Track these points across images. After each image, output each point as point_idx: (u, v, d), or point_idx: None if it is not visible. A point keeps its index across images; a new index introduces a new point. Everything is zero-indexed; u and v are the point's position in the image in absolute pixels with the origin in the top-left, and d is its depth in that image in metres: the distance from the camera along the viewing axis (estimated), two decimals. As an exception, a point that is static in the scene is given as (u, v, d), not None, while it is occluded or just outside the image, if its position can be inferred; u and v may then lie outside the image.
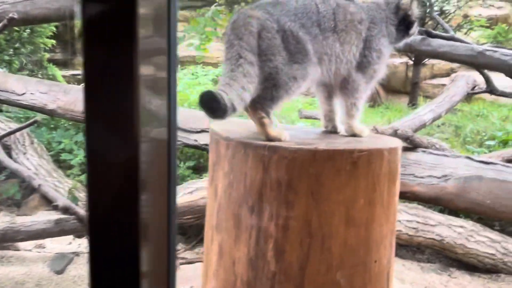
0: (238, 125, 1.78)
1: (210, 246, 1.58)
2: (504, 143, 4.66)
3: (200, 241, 3.13)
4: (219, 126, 1.68)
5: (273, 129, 1.42)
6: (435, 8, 8.49)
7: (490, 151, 4.31)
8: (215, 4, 7.11)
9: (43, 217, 3.45)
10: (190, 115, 3.92)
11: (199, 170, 4.08)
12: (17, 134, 4.21)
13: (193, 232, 3.27)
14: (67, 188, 3.81)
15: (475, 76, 7.08)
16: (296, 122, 4.48)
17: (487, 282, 2.92)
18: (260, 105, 1.42)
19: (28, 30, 6.70)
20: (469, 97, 7.99)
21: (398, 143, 1.50)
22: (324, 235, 1.34)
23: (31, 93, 4.42)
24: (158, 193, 0.49)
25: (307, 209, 1.33)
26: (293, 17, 1.45)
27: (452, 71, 10.41)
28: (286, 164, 1.33)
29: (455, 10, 9.26)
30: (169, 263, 0.53)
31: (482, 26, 9.59)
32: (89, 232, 0.47)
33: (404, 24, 1.65)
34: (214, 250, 1.55)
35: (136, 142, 0.41)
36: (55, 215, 3.13)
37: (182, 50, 11.54)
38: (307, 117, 3.54)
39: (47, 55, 7.60)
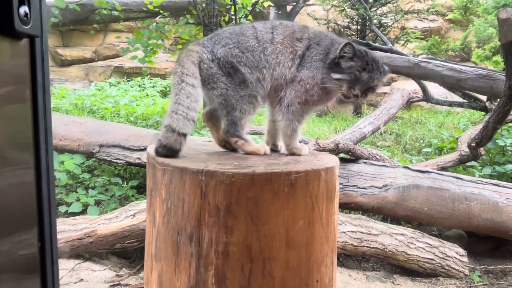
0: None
1: (150, 276, 1.52)
2: (440, 150, 4.93)
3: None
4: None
5: (249, 145, 1.56)
6: (374, 21, 8.90)
7: (427, 159, 4.54)
8: (159, 16, 7.00)
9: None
10: (132, 133, 3.79)
11: (144, 189, 3.94)
12: None
13: (137, 256, 3.12)
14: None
15: (413, 85, 7.50)
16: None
17: (427, 287, 3.04)
18: (230, 134, 1.55)
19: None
20: (408, 105, 8.45)
21: (335, 162, 1.52)
22: (265, 259, 1.32)
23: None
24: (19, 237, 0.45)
25: (247, 233, 1.30)
26: (225, 41, 1.54)
27: (393, 79, 10.99)
28: (224, 188, 1.30)
29: (393, 23, 9.77)
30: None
31: (417, 38, 10.19)
32: None
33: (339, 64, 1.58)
34: (154, 280, 1.49)
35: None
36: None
37: (128, 62, 11.28)
38: (254, 133, 3.54)
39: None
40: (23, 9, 0.36)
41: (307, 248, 1.38)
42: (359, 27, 9.56)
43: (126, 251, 3.15)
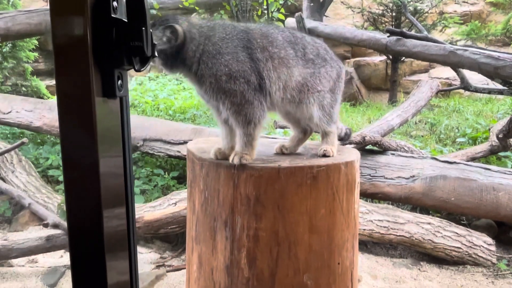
0: (214, 143, 1.93)
1: (191, 256, 1.73)
2: (474, 140, 4.88)
3: (185, 249, 3.27)
4: (195, 145, 1.83)
5: None
6: (410, 8, 8.71)
7: (459, 149, 4.52)
8: (195, 13, 7.24)
9: (35, 233, 3.54)
10: (172, 128, 4.08)
11: (183, 179, 4.21)
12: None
13: (179, 240, 3.42)
14: (56, 204, 3.90)
15: (451, 72, 7.30)
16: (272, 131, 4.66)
17: (454, 274, 3.12)
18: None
19: (10, 45, 6.74)
20: (446, 92, 8.25)
21: (355, 157, 1.65)
22: (291, 243, 1.47)
23: (17, 112, 4.51)
24: (118, 207, 0.66)
25: (274, 220, 1.46)
26: None
27: (431, 67, 10.67)
28: (253, 181, 1.46)
29: (430, 9, 9.49)
30: (131, 269, 0.70)
31: (456, 23, 9.84)
32: (69, 243, 0.65)
33: None
34: (194, 260, 1.69)
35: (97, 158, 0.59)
36: (46, 231, 3.22)
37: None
38: (281, 127, 3.72)
39: (30, 68, 7.63)
40: (119, 82, 0.57)
41: (328, 234, 1.51)
42: (394, 14, 9.37)
43: (168, 236, 3.43)
